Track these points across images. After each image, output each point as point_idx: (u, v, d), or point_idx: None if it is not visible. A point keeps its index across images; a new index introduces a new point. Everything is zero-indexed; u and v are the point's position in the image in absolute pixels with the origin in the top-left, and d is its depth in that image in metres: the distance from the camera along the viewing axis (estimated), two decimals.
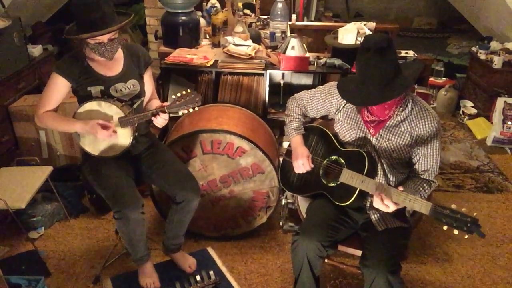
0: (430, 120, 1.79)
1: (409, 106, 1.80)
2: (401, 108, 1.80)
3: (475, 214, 1.52)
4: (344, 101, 1.93)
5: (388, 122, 1.83)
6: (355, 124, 1.92)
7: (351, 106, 1.93)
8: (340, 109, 1.96)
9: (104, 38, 1.91)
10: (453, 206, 1.54)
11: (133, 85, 2.10)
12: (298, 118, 2.09)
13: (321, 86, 2.07)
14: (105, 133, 1.92)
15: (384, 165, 1.88)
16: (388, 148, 1.85)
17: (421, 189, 1.81)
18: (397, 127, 1.83)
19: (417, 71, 1.79)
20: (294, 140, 2.06)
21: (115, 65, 2.07)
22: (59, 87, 2.00)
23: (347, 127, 1.94)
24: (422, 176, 1.86)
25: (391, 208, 1.67)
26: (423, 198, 1.74)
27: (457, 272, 2.48)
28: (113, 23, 1.91)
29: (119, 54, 2.07)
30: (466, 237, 1.53)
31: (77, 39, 1.93)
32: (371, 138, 1.88)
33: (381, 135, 1.86)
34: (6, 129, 3.13)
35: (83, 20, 1.89)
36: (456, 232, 1.52)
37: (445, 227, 1.54)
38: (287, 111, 2.15)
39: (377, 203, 1.70)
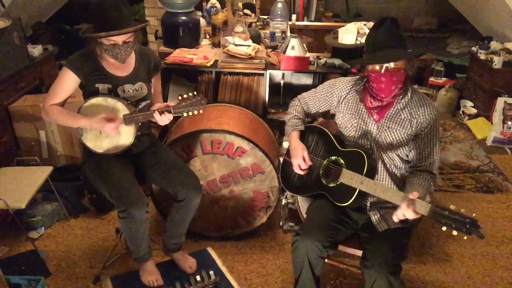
0: (429, 108, 1.84)
1: (409, 94, 1.85)
2: (401, 96, 1.84)
3: (474, 214, 1.51)
4: (345, 92, 1.97)
5: (389, 110, 1.86)
6: (357, 114, 1.94)
7: (352, 97, 1.95)
8: (341, 100, 1.99)
9: (119, 39, 1.93)
10: (452, 207, 1.54)
11: (140, 87, 2.12)
12: (297, 116, 2.10)
13: (321, 85, 2.10)
14: (111, 126, 1.94)
15: (385, 158, 1.88)
16: (389, 137, 1.87)
17: (427, 184, 1.80)
18: (398, 115, 1.86)
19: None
20: (290, 137, 2.08)
21: (126, 66, 2.09)
22: (68, 82, 2.02)
23: (348, 117, 1.96)
24: (423, 168, 1.84)
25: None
26: (430, 192, 1.76)
27: (457, 272, 2.48)
28: (129, 25, 1.93)
29: (131, 56, 2.10)
30: (465, 238, 1.52)
31: (93, 38, 1.94)
32: (372, 128, 1.89)
33: (381, 124, 1.88)
34: (6, 129, 3.13)
35: (100, 20, 1.92)
36: (455, 233, 1.52)
37: (444, 228, 1.54)
38: (288, 110, 2.16)
39: (409, 214, 1.62)
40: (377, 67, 1.77)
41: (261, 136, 2.59)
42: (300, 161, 1.96)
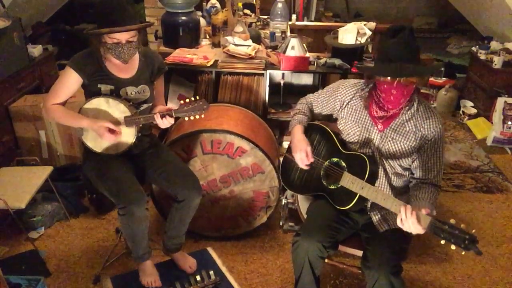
0: (435, 121, 1.80)
1: (415, 105, 1.81)
2: (407, 107, 1.81)
3: (473, 231, 1.49)
4: (349, 97, 1.93)
5: (394, 121, 1.83)
6: (360, 121, 1.90)
7: (356, 103, 1.92)
8: (344, 106, 1.95)
9: (122, 38, 1.93)
10: (452, 221, 1.51)
11: (143, 90, 2.12)
12: (303, 112, 2.09)
13: (327, 87, 2.07)
14: (110, 138, 1.96)
15: (387, 166, 1.87)
16: (392, 148, 1.84)
17: (433, 198, 1.77)
18: (403, 127, 1.82)
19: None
20: (293, 130, 2.05)
21: (129, 68, 2.09)
22: (71, 82, 2.02)
23: (351, 124, 1.93)
24: (428, 181, 1.81)
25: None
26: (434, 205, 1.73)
27: (457, 272, 2.48)
28: (133, 23, 1.93)
29: (135, 58, 2.09)
30: (463, 253, 1.51)
31: (96, 35, 1.94)
32: (375, 137, 1.87)
33: (385, 135, 1.85)
34: (6, 129, 3.13)
35: (104, 17, 1.91)
36: (453, 247, 1.50)
37: (442, 242, 1.52)
38: (295, 107, 2.15)
39: (416, 228, 1.59)
40: (389, 78, 1.71)
41: (261, 136, 2.59)
42: (303, 155, 1.93)
